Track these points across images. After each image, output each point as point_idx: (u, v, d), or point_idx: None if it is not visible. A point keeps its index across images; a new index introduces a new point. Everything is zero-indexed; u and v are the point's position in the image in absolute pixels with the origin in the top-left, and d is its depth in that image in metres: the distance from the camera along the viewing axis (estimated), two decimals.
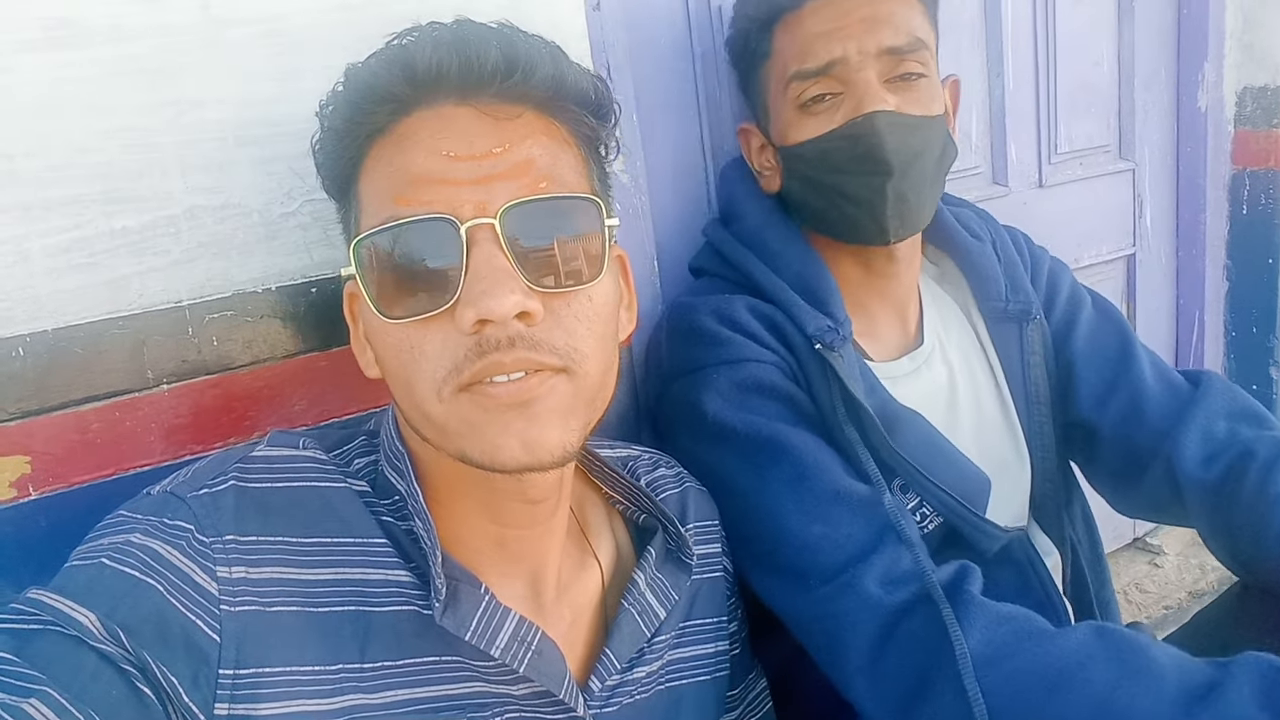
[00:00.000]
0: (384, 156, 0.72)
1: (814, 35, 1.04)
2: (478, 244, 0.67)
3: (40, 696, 0.58)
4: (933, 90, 1.06)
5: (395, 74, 0.70)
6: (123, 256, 0.88)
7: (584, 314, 0.71)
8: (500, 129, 0.71)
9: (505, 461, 0.68)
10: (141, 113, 0.87)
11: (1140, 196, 2.02)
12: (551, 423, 0.69)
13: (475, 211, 0.68)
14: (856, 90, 1.02)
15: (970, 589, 0.90)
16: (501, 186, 0.69)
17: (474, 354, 0.67)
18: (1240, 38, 2.00)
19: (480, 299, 0.65)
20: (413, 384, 0.70)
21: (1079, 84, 1.87)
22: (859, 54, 1.02)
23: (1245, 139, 2.05)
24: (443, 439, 0.71)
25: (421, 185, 0.69)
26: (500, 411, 0.68)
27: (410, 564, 0.75)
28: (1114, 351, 1.19)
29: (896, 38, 1.02)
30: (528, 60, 0.71)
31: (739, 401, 1.01)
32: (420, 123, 0.71)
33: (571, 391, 0.71)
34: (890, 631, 0.90)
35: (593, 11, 1.14)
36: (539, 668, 0.75)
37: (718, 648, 0.96)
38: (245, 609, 0.68)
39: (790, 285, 1.09)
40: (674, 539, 0.89)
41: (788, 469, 0.98)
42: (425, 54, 0.70)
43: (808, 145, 1.07)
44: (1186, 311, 2.15)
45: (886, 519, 0.95)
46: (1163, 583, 2.17)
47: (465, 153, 0.69)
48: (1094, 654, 0.82)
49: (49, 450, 0.86)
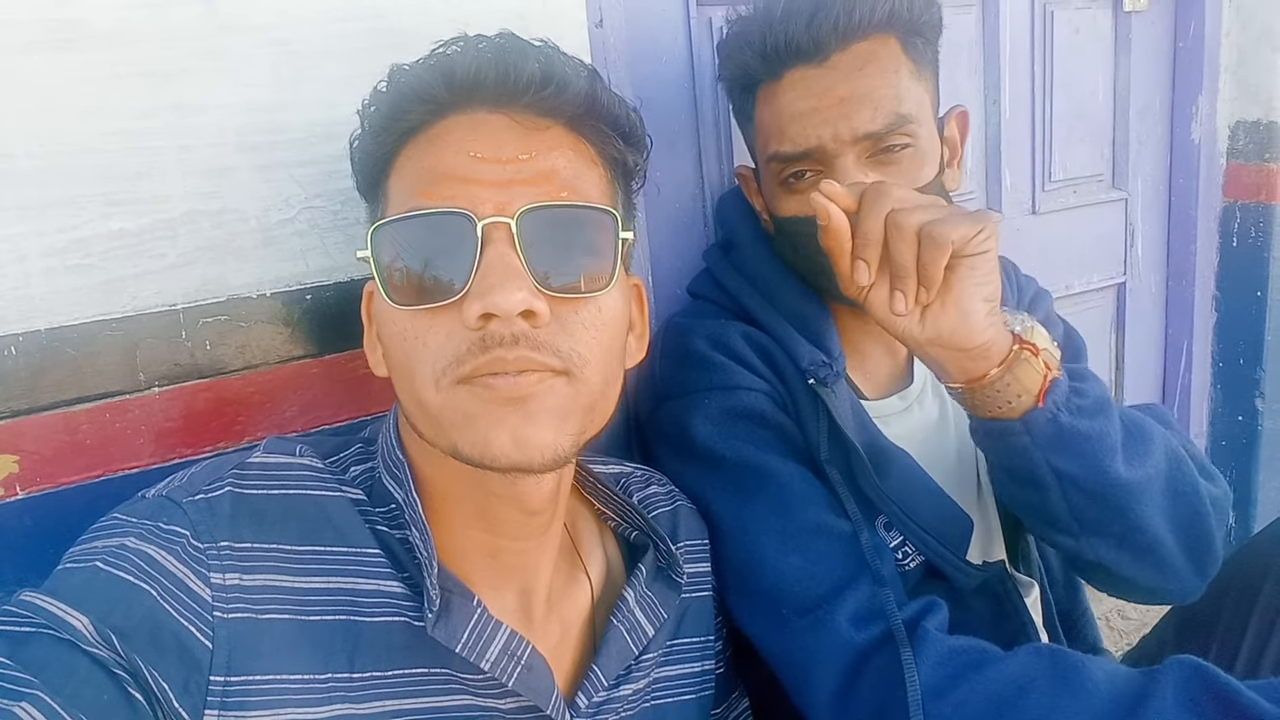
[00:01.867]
0: (414, 155, 0.74)
1: (791, 116, 1.00)
2: (492, 242, 0.68)
3: (32, 700, 0.58)
4: (921, 157, 1.01)
5: (435, 77, 0.72)
6: (119, 258, 0.88)
7: (591, 322, 0.72)
8: (529, 137, 0.73)
9: (495, 456, 0.68)
10: (142, 116, 0.87)
11: (1132, 226, 2.04)
12: (546, 423, 0.70)
13: (494, 210, 0.69)
14: (837, 176, 0.98)
15: (928, 625, 0.91)
16: (523, 191, 0.70)
17: (477, 348, 0.68)
18: (1235, 72, 2.02)
19: (488, 293, 0.66)
20: (413, 372, 0.71)
21: (1074, 113, 1.89)
22: (835, 141, 0.98)
23: (1237, 172, 2.07)
24: (436, 431, 0.71)
25: (445, 181, 0.71)
26: (496, 405, 0.68)
27: (403, 574, 0.75)
28: None
29: (874, 121, 0.97)
30: (562, 75, 0.73)
31: (728, 428, 1.01)
32: (453, 125, 0.73)
33: (570, 394, 0.71)
34: (858, 669, 0.90)
35: (595, 28, 1.14)
36: (528, 682, 0.75)
37: (704, 666, 0.96)
38: (238, 616, 0.68)
39: (786, 319, 1.09)
40: (665, 557, 0.89)
41: (771, 499, 0.98)
42: (466, 61, 0.72)
43: (791, 223, 1.05)
44: (1175, 341, 2.17)
45: (863, 557, 0.96)
46: (1144, 609, 2.18)
47: (492, 155, 0.71)
48: (1034, 676, 0.84)
49: (38, 450, 0.86)
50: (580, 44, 1.12)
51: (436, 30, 0.99)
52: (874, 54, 0.98)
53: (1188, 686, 0.79)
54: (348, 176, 0.96)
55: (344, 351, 1.00)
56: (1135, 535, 0.95)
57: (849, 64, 0.97)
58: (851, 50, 0.98)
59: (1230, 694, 0.77)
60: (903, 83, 0.99)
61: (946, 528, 1.06)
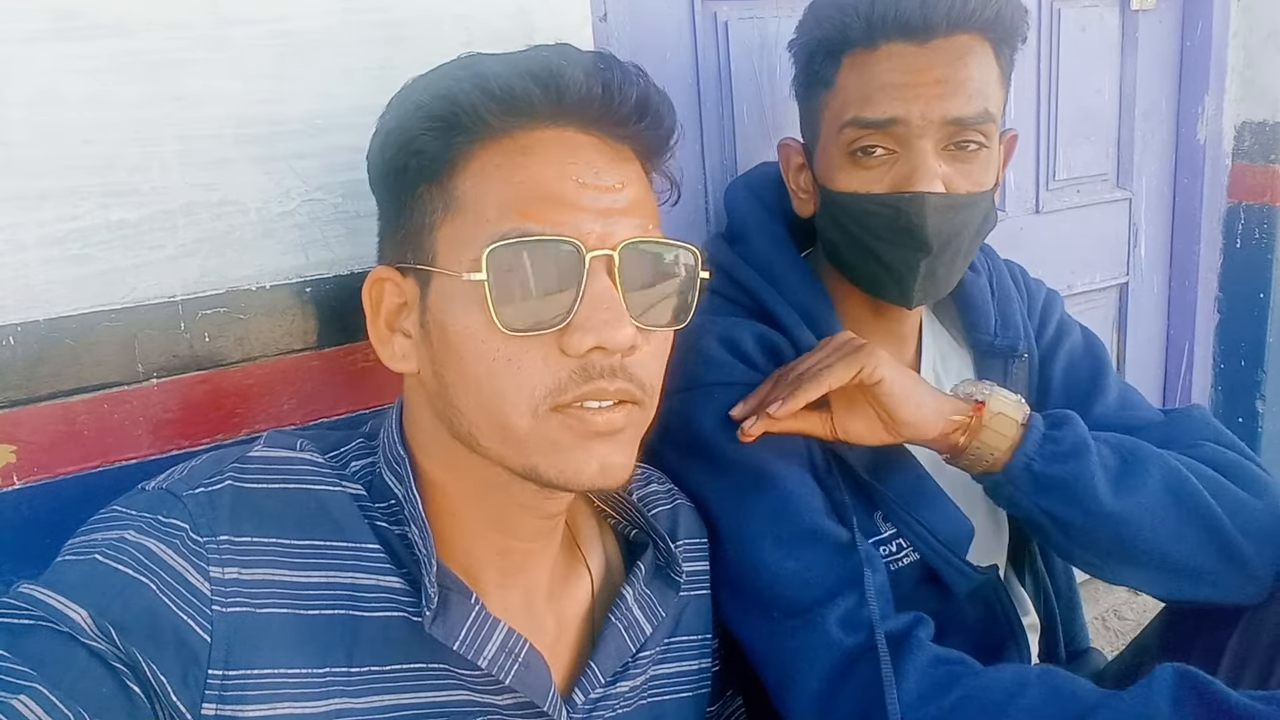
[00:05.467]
0: (504, 164, 0.71)
1: (881, 85, 0.98)
2: (596, 274, 0.69)
3: (30, 693, 0.59)
4: (990, 162, 1.02)
5: (536, 87, 0.70)
6: (118, 249, 0.88)
7: (661, 352, 0.76)
8: (620, 166, 0.74)
9: (582, 482, 0.72)
10: (143, 107, 0.87)
11: (1136, 226, 2.03)
12: (626, 450, 0.74)
13: (598, 241, 0.70)
14: (912, 157, 0.98)
15: (918, 634, 0.91)
16: (621, 222, 0.71)
17: (579, 377, 0.69)
18: (1241, 73, 2.02)
19: (602, 328, 0.68)
20: (504, 395, 0.70)
21: (1080, 112, 1.88)
22: (922, 119, 0.97)
23: (1242, 173, 2.06)
24: (514, 453, 0.72)
25: (552, 205, 0.70)
26: (590, 437, 0.71)
27: (402, 570, 0.75)
28: (1085, 383, 1.20)
29: (966, 108, 0.97)
30: (658, 109, 0.75)
31: (731, 426, 1.01)
32: (549, 140, 0.72)
33: (642, 420, 0.76)
34: (843, 673, 0.91)
35: (599, 23, 1.14)
36: (524, 679, 0.76)
37: (701, 664, 0.96)
38: (236, 610, 0.68)
39: (795, 310, 1.09)
40: (664, 555, 0.89)
41: (770, 500, 0.98)
42: (577, 78, 0.71)
43: (850, 198, 1.03)
44: (1176, 342, 2.16)
45: (859, 566, 0.96)
46: (1141, 610, 2.18)
47: (592, 182, 0.71)
48: (1024, 683, 0.85)
49: (35, 440, 0.86)
50: (584, 38, 1.12)
51: (439, 23, 1.00)
52: (973, 48, 0.99)
53: (1178, 692, 0.78)
54: (348, 169, 0.97)
55: (343, 345, 1.00)
56: (1147, 558, 0.98)
57: (950, 50, 0.98)
58: (955, 39, 0.98)
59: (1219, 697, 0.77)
60: (991, 83, 1.00)
61: (948, 530, 1.06)
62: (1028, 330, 1.21)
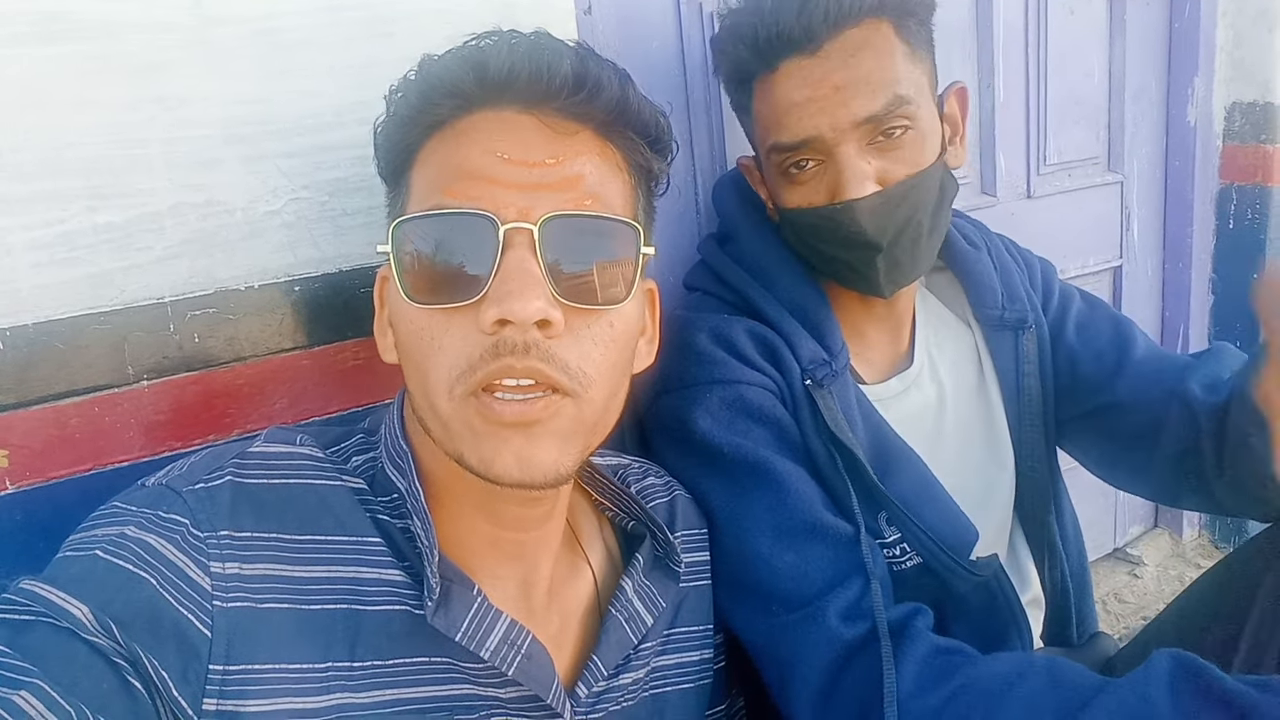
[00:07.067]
0: (440, 149, 0.74)
1: (787, 106, 0.99)
2: (513, 247, 0.68)
3: (31, 689, 0.59)
4: (922, 138, 1.00)
5: (466, 71, 0.72)
6: (105, 252, 0.88)
7: (601, 337, 0.72)
8: (557, 142, 0.72)
9: (499, 475, 0.69)
10: (128, 108, 0.87)
11: (1128, 209, 2.03)
12: (549, 445, 0.70)
13: (517, 215, 0.69)
14: (837, 163, 0.98)
15: (917, 624, 0.91)
16: (547, 196, 0.70)
17: (489, 355, 0.68)
18: (1231, 53, 2.02)
19: (505, 299, 0.66)
20: (427, 373, 0.71)
21: (1069, 96, 1.88)
22: (833, 130, 0.97)
23: (1233, 154, 2.06)
24: (445, 436, 0.72)
25: (470, 180, 0.70)
26: (501, 427, 0.69)
27: (404, 563, 0.76)
28: (1110, 336, 1.21)
29: (873, 104, 0.96)
30: (596, 80, 0.73)
31: (728, 422, 1.01)
32: (481, 122, 0.73)
33: (574, 416, 0.71)
34: (843, 665, 0.91)
35: (584, 15, 1.14)
36: (527, 671, 0.76)
37: (703, 655, 0.96)
38: (237, 605, 0.69)
39: (788, 310, 1.08)
40: (662, 546, 0.89)
41: (768, 495, 0.98)
42: (500, 57, 0.71)
43: (795, 214, 1.04)
44: (1171, 324, 2.17)
45: (859, 560, 0.96)
46: (1141, 593, 2.19)
47: (519, 157, 0.71)
48: (1024, 671, 0.84)
49: (27, 444, 0.86)
50: (569, 32, 1.11)
51: (423, 19, 1.00)
52: (867, 40, 0.97)
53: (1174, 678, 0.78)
54: (335, 167, 0.97)
55: (333, 343, 1.00)
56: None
57: (842, 51, 0.97)
58: (844, 37, 0.97)
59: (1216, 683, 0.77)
60: (898, 65, 0.98)
61: (952, 536, 1.06)
62: (1032, 301, 1.21)
